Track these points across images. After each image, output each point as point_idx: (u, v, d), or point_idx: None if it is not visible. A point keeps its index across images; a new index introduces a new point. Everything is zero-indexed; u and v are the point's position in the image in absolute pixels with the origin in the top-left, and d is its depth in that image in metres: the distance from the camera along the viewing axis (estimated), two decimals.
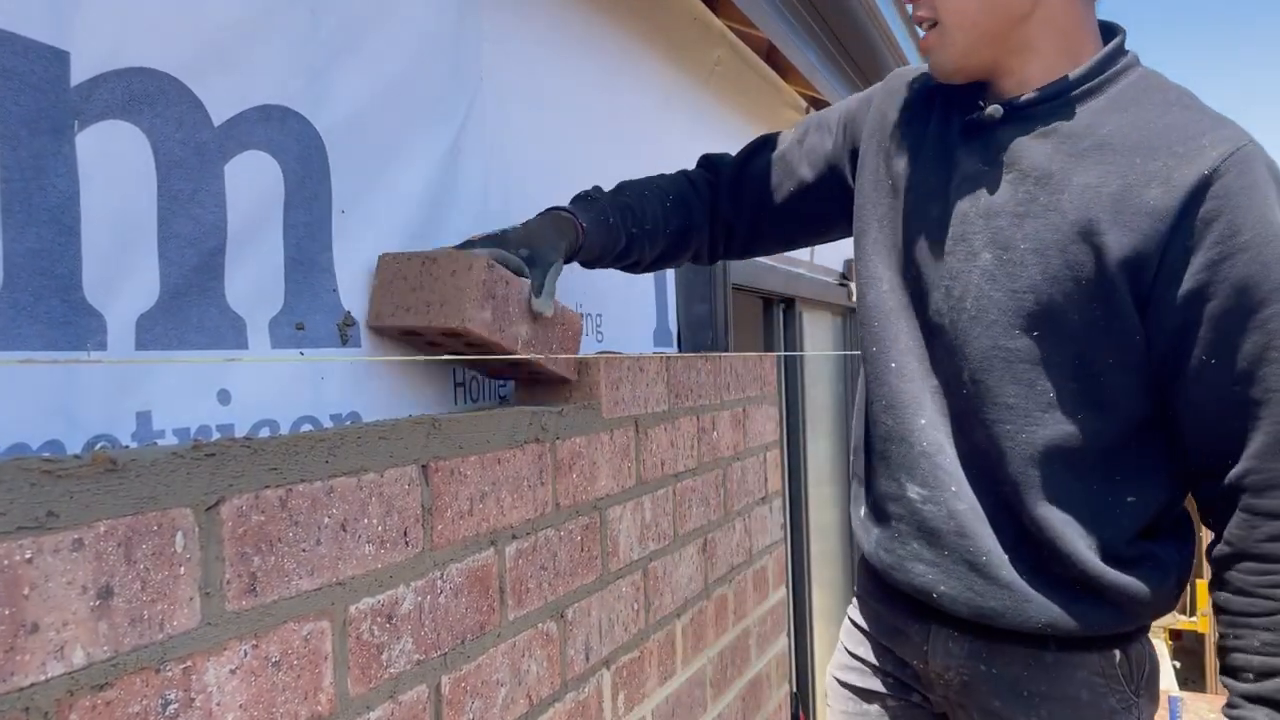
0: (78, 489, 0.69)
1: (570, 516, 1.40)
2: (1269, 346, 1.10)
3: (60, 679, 0.67)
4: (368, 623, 0.98)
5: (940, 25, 1.22)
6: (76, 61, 0.93)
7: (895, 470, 1.35)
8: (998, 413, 1.24)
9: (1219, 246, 1.09)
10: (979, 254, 1.23)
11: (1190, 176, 1.10)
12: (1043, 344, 1.20)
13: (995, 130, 1.25)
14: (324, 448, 0.93)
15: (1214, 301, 1.11)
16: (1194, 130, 1.14)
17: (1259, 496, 1.13)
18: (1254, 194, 1.09)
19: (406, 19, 1.38)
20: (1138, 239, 1.12)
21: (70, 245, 0.92)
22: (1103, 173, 1.16)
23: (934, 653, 1.37)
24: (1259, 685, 1.14)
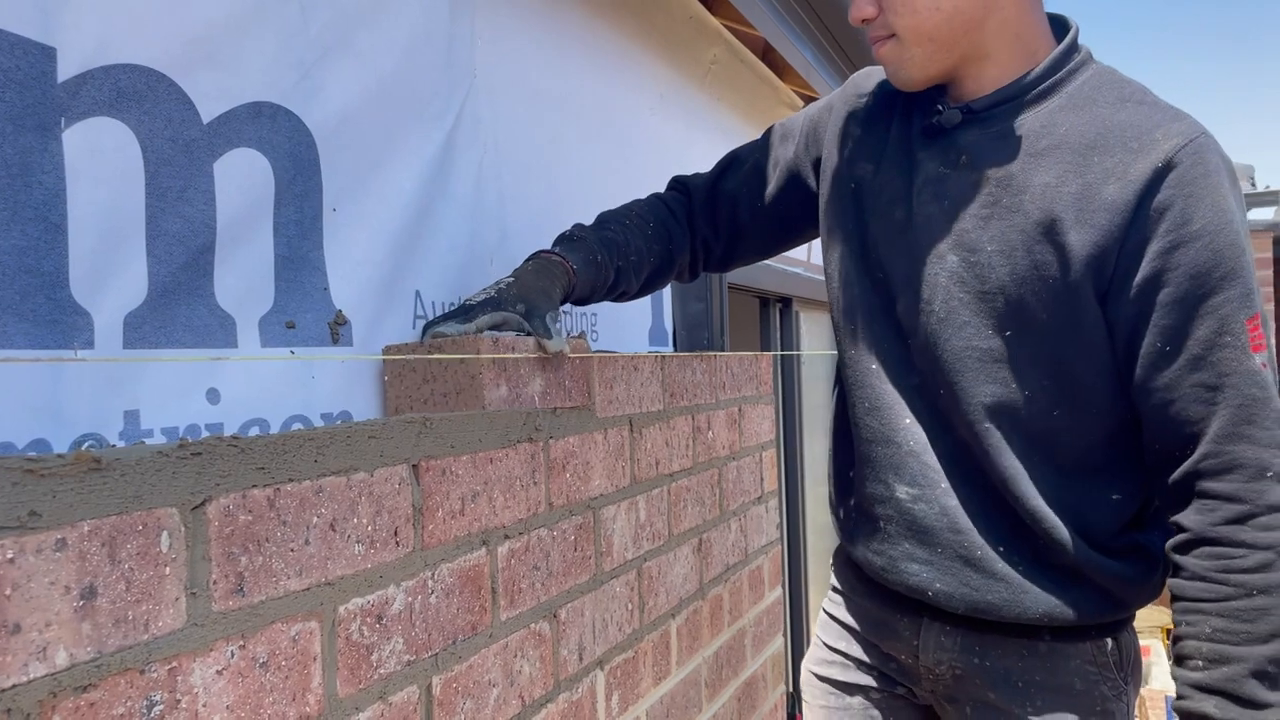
0: (61, 488, 0.69)
1: (563, 516, 1.39)
2: (1222, 331, 1.12)
3: (43, 680, 0.67)
4: (357, 623, 0.98)
5: (897, 38, 1.22)
6: (63, 57, 0.92)
7: (881, 471, 1.35)
8: (977, 412, 1.25)
9: (1172, 234, 1.11)
10: (945, 256, 1.25)
11: (1145, 169, 1.12)
12: (1015, 344, 1.22)
13: (955, 133, 1.26)
14: (313, 447, 0.92)
15: (1168, 289, 1.13)
16: (1147, 125, 1.16)
17: (1216, 480, 1.13)
18: (1206, 184, 1.11)
19: (398, 16, 1.38)
20: (1099, 235, 1.14)
21: (57, 243, 0.92)
22: (1062, 172, 1.18)
23: (925, 647, 1.37)
24: (1208, 674, 1.12)
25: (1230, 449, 1.12)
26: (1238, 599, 1.11)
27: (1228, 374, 1.12)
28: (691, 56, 2.54)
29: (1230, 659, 1.11)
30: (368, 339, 1.30)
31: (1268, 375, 1.13)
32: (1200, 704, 1.13)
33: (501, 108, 1.64)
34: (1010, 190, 1.21)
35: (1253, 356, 1.12)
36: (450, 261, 1.48)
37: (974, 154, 1.24)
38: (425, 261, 1.43)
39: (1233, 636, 1.11)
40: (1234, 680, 1.10)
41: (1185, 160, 1.12)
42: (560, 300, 1.33)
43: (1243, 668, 1.10)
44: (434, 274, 1.44)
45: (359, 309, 1.29)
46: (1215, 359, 1.12)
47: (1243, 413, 1.11)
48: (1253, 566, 1.10)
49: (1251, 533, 1.10)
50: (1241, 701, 1.10)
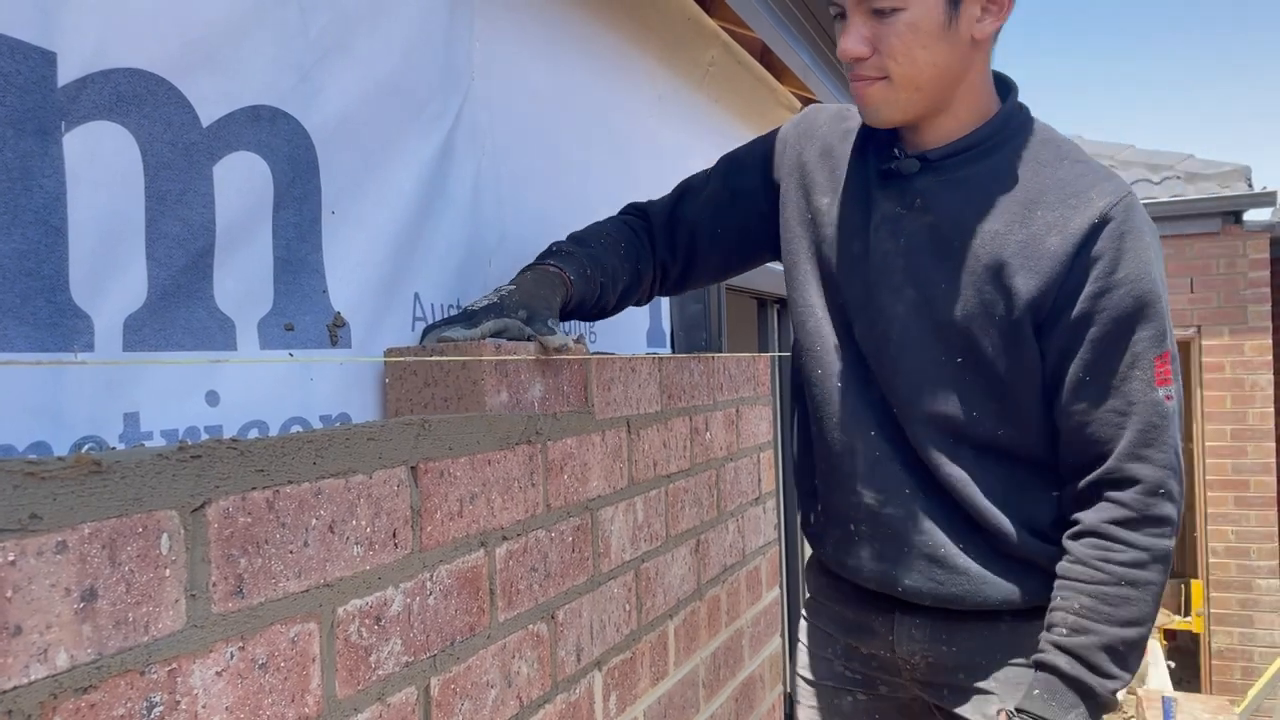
0: (61, 491, 0.69)
1: (561, 518, 1.40)
2: (1134, 366, 1.30)
3: (44, 682, 0.67)
4: (356, 624, 0.98)
5: (889, 81, 1.32)
6: (63, 62, 0.93)
7: (850, 479, 1.48)
8: (929, 428, 1.40)
9: (1101, 281, 1.29)
10: (902, 289, 1.39)
11: (1083, 224, 1.30)
12: (963, 370, 1.37)
13: (911, 178, 1.40)
14: (311, 449, 0.92)
15: (1094, 327, 1.30)
16: (1083, 184, 1.33)
17: (1116, 490, 1.32)
18: (1131, 237, 1.30)
19: (397, 18, 1.38)
20: (1041, 280, 1.31)
21: (57, 246, 0.92)
22: (1009, 221, 1.33)
23: (899, 640, 1.50)
24: (1068, 639, 1.31)
25: (1130, 466, 1.30)
26: (1108, 585, 1.30)
27: (1135, 403, 1.30)
28: (689, 58, 2.55)
29: (1089, 631, 1.29)
30: (366, 341, 1.30)
31: (1169, 406, 1.31)
32: (1055, 659, 1.31)
33: (500, 110, 1.64)
34: (961, 234, 1.35)
35: (1157, 390, 1.30)
36: (449, 263, 1.48)
37: (928, 199, 1.39)
38: (424, 263, 1.43)
39: (1095, 615, 1.30)
40: (1088, 648, 1.29)
41: (1117, 216, 1.30)
42: (560, 308, 1.37)
43: (1097, 640, 1.29)
44: (432, 276, 1.45)
45: (357, 311, 1.29)
46: (1126, 389, 1.30)
47: (1144, 437, 1.30)
48: (1127, 561, 1.29)
49: (1133, 535, 1.30)
50: (1089, 666, 1.29)
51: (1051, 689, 1.30)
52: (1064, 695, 1.29)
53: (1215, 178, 7.39)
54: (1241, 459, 7.11)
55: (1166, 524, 1.31)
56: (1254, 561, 7.12)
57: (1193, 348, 7.31)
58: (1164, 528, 1.31)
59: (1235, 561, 7.17)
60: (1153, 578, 1.30)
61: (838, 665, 1.62)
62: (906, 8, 1.27)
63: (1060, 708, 1.28)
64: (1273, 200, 7.07)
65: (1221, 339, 7.15)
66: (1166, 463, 1.30)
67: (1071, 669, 1.29)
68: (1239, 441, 7.12)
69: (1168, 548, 1.31)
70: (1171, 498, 1.31)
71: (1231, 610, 7.19)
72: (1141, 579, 1.29)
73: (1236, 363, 7.12)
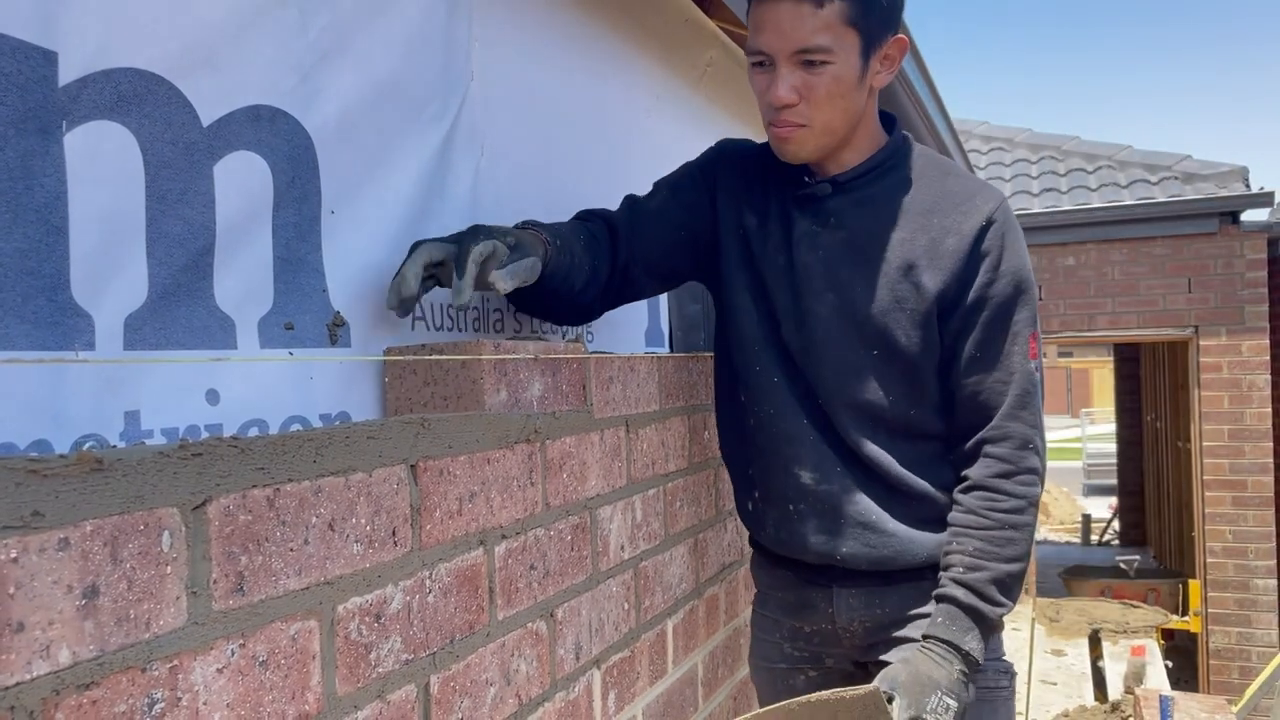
0: (63, 488, 0.69)
1: (560, 516, 1.40)
2: (1014, 341, 1.55)
3: (46, 678, 0.68)
4: (356, 622, 0.98)
5: (809, 128, 1.51)
6: (64, 61, 0.93)
7: (788, 463, 1.65)
8: (854, 412, 1.60)
9: (990, 273, 1.53)
10: (823, 294, 1.59)
11: (974, 225, 1.54)
12: (879, 360, 1.58)
13: (825, 199, 1.61)
14: (312, 447, 0.93)
15: (985, 311, 1.54)
16: (969, 193, 1.58)
17: (996, 445, 1.55)
18: (1010, 234, 1.55)
19: (396, 19, 1.39)
20: (945, 275, 1.54)
21: (58, 245, 0.92)
22: (913, 229, 1.56)
23: (838, 612, 1.68)
24: (964, 574, 1.53)
25: (1007, 425, 1.54)
26: (994, 529, 1.53)
27: (1014, 372, 1.54)
28: (687, 58, 2.55)
29: (981, 568, 1.52)
30: (366, 340, 1.31)
31: (1036, 376, 1.56)
32: (954, 591, 1.52)
33: (498, 110, 1.65)
34: (872, 243, 1.57)
35: (1029, 362, 1.55)
36: None
37: (841, 216, 1.60)
38: None
39: (986, 555, 1.52)
40: (980, 582, 1.51)
41: (999, 218, 1.55)
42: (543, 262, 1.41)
43: (988, 574, 1.52)
44: None
45: (357, 310, 1.30)
46: (1008, 362, 1.55)
47: (1018, 400, 1.54)
48: (1009, 509, 1.53)
49: (1010, 485, 1.53)
50: (982, 596, 1.51)
51: (951, 616, 1.52)
52: (962, 620, 1.51)
53: (1213, 178, 7.40)
54: (1239, 459, 7.12)
55: (1035, 474, 1.55)
56: (1251, 561, 7.12)
57: (1190, 348, 7.31)
58: (1033, 475, 1.55)
59: (1233, 561, 7.17)
60: (1029, 520, 1.55)
61: (786, 647, 1.78)
62: (834, 61, 1.45)
63: (960, 630, 1.50)
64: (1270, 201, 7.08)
65: (1219, 339, 7.16)
66: (1034, 422, 1.55)
67: (967, 599, 1.51)
68: (1236, 441, 7.12)
69: (1038, 494, 1.56)
70: (1038, 451, 1.56)
71: (1229, 610, 7.19)
72: (1020, 522, 1.54)
73: (1234, 363, 7.12)
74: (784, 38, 1.44)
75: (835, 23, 1.43)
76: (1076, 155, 8.34)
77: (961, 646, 1.49)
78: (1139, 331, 7.48)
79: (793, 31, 1.43)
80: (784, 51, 1.45)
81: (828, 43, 1.44)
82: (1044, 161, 8.38)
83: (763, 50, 1.47)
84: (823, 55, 1.44)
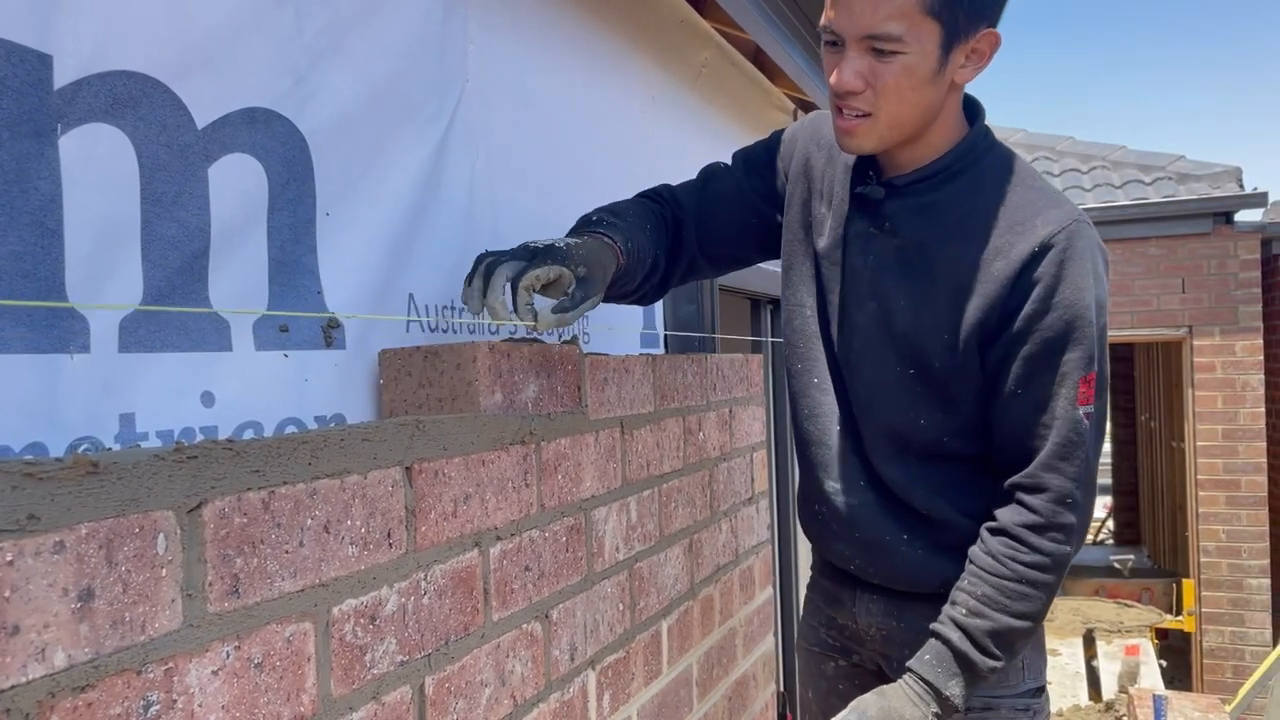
0: (59, 491, 0.70)
1: (555, 517, 1.41)
2: (1061, 384, 1.39)
3: (41, 681, 0.68)
4: (351, 624, 0.99)
5: (874, 119, 1.39)
6: (59, 65, 0.93)
7: (816, 469, 1.62)
8: (882, 430, 1.53)
9: (1038, 304, 1.38)
10: (865, 302, 1.51)
11: (1025, 250, 1.38)
12: (914, 380, 1.48)
13: (881, 202, 1.49)
14: (306, 450, 0.93)
15: (1027, 346, 1.39)
16: (1031, 210, 1.41)
17: (1029, 495, 1.43)
18: (1071, 265, 1.37)
19: (392, 20, 1.39)
20: (987, 301, 1.40)
21: (53, 248, 0.92)
22: (964, 247, 1.43)
23: (860, 613, 1.64)
24: (965, 619, 1.43)
25: (1044, 475, 1.41)
26: (1009, 580, 1.41)
27: (1058, 418, 1.40)
28: (683, 59, 2.55)
29: (984, 616, 1.41)
30: (361, 342, 1.31)
31: (1087, 424, 1.41)
32: (949, 632, 1.43)
33: (494, 111, 1.65)
34: (923, 257, 1.46)
35: (1078, 409, 1.40)
36: (443, 264, 1.49)
37: (895, 222, 1.48)
38: (419, 265, 1.44)
39: (994, 604, 1.41)
40: (979, 630, 1.41)
41: (1059, 244, 1.37)
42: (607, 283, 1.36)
43: (990, 625, 1.41)
44: (427, 277, 1.45)
45: (352, 312, 1.30)
46: (1051, 405, 1.40)
47: (1060, 449, 1.40)
48: (1029, 563, 1.41)
49: (1038, 539, 1.41)
50: (976, 645, 1.41)
51: (940, 658, 1.44)
52: (949, 664, 1.43)
53: (1206, 178, 7.42)
54: (1233, 459, 7.14)
55: (1070, 531, 1.42)
56: (1245, 561, 7.15)
57: (1184, 348, 7.34)
58: (1067, 534, 1.42)
59: (1227, 561, 7.20)
60: (1050, 580, 1.43)
61: (822, 633, 1.76)
62: (907, 52, 1.32)
63: (945, 674, 1.42)
64: (1264, 201, 7.10)
65: (1213, 339, 7.18)
66: (1076, 475, 1.41)
67: (961, 644, 1.42)
68: (1230, 441, 7.15)
69: (1068, 553, 1.43)
70: (1077, 508, 1.42)
71: (1223, 609, 7.22)
72: (1040, 580, 1.42)
73: (1228, 363, 7.15)
74: (853, 19, 1.32)
75: (913, 10, 1.30)
76: (1071, 155, 8.36)
77: (942, 691, 1.41)
78: (1133, 331, 7.50)
79: (863, 14, 1.31)
80: (853, 34, 1.33)
81: (900, 31, 1.31)
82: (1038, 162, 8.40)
83: (832, 29, 1.35)
84: (894, 45, 1.32)
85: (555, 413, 1.41)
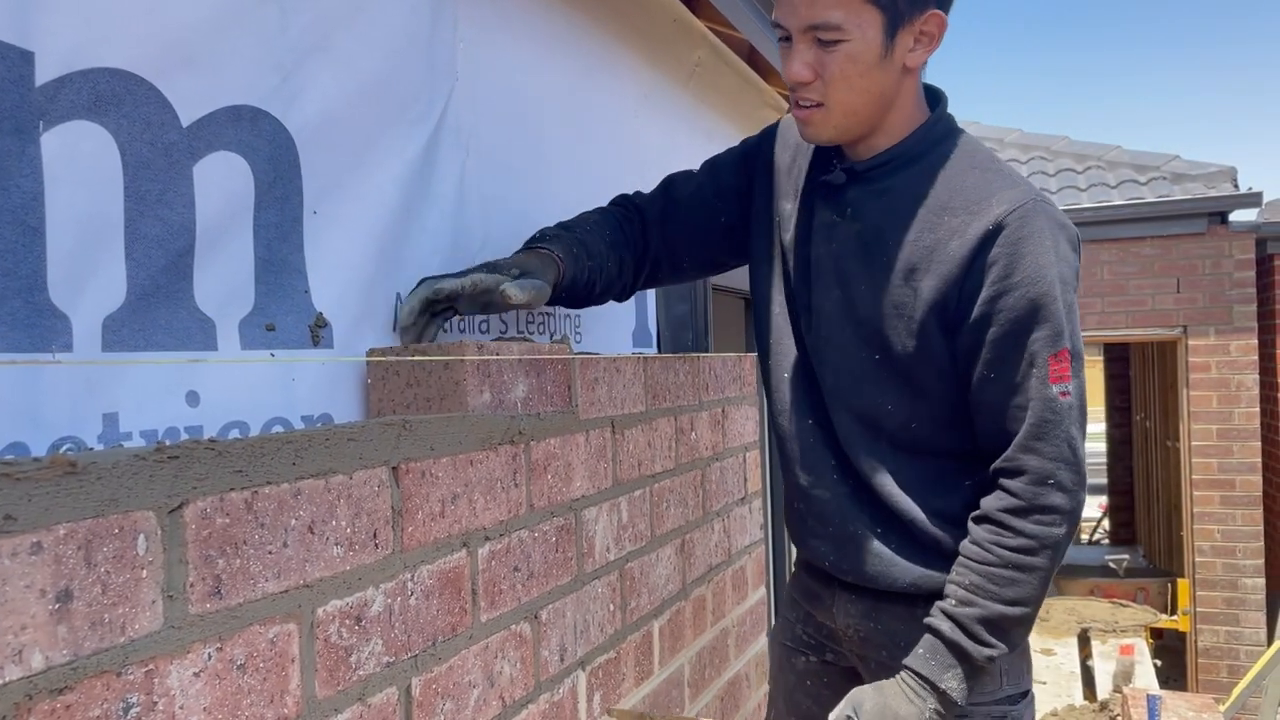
0: (36, 492, 0.69)
1: (545, 518, 1.40)
2: (1031, 364, 1.38)
3: (18, 683, 0.67)
4: (336, 625, 0.98)
5: (826, 108, 1.42)
6: (41, 61, 0.92)
7: (792, 463, 1.63)
8: (853, 418, 1.53)
9: (997, 285, 1.37)
10: (831, 290, 1.52)
11: (979, 229, 1.38)
12: (879, 365, 1.48)
13: (843, 188, 1.51)
14: (291, 450, 0.92)
15: (992, 329, 1.39)
16: (986, 191, 1.41)
17: (1010, 479, 1.41)
18: (1028, 243, 1.36)
19: (379, 18, 1.38)
20: (943, 283, 1.40)
21: (34, 246, 0.92)
22: (920, 229, 1.43)
23: (839, 612, 1.62)
24: (955, 608, 1.41)
25: (1022, 457, 1.39)
26: (996, 566, 1.39)
27: (1032, 398, 1.38)
28: (675, 58, 2.55)
29: (974, 604, 1.40)
30: (349, 341, 1.30)
31: (1064, 402, 1.38)
32: (940, 623, 1.42)
33: (484, 110, 1.64)
34: (881, 241, 1.46)
35: (1051, 386, 1.38)
36: (432, 264, 1.48)
37: (856, 208, 1.50)
38: (407, 264, 1.43)
39: (982, 591, 1.40)
40: (969, 618, 1.39)
41: (1012, 223, 1.37)
42: (552, 286, 1.44)
43: (980, 612, 1.39)
44: (415, 276, 1.44)
45: (340, 311, 1.29)
46: (1024, 386, 1.39)
47: (1036, 430, 1.38)
48: (1016, 547, 1.39)
49: (1021, 522, 1.39)
50: (968, 633, 1.39)
51: (933, 650, 1.42)
52: (943, 656, 1.41)
53: (1201, 178, 7.43)
54: (1228, 458, 7.15)
55: (1056, 512, 1.39)
56: (1240, 560, 7.15)
57: (1179, 348, 7.34)
58: (1053, 515, 1.39)
59: (1221, 560, 7.20)
60: (1039, 563, 1.39)
61: (798, 629, 1.75)
62: (848, 40, 1.36)
63: (940, 667, 1.40)
64: (1258, 201, 7.11)
65: (1208, 339, 7.18)
66: (1057, 455, 1.38)
67: (952, 634, 1.40)
68: (1225, 441, 7.15)
69: (1058, 535, 1.39)
70: (1062, 487, 1.39)
71: (1218, 609, 7.22)
72: (1028, 564, 1.39)
73: (1222, 363, 7.15)
74: (796, 12, 1.37)
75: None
76: (1066, 155, 8.36)
77: (939, 685, 1.39)
78: (1128, 331, 7.51)
79: (802, 5, 1.36)
80: (796, 26, 1.38)
81: (839, 20, 1.35)
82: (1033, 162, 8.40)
83: (779, 24, 1.41)
84: (835, 34, 1.35)
85: (545, 412, 1.41)
